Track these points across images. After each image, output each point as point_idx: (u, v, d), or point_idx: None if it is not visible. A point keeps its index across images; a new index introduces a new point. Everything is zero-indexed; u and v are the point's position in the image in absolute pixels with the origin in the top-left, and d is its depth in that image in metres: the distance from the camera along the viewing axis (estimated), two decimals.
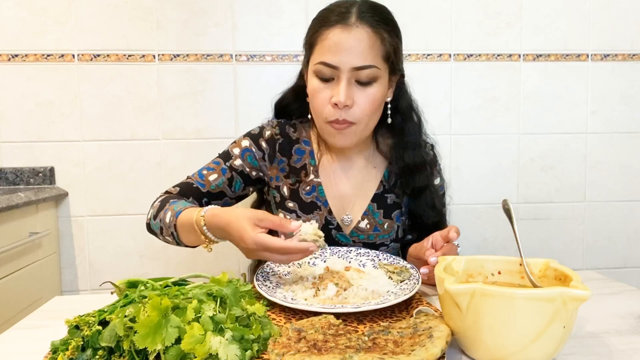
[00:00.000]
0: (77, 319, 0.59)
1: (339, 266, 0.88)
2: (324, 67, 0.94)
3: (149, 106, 1.59)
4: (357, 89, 0.95)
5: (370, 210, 1.06)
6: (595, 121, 1.73)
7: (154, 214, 0.97)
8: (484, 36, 1.67)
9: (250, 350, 0.56)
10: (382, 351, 0.55)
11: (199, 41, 1.59)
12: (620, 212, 1.77)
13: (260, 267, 0.89)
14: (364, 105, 0.95)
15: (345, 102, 0.93)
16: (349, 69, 0.92)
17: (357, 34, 0.92)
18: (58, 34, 1.54)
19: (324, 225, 1.04)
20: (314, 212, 1.04)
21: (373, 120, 1.00)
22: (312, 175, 1.06)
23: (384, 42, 0.95)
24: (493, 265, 0.71)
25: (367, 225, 1.05)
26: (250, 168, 1.06)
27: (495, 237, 1.74)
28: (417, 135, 1.08)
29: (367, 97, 0.95)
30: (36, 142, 1.56)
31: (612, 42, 1.71)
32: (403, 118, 1.07)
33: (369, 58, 0.93)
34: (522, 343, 0.54)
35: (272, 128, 1.08)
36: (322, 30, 0.95)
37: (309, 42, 0.99)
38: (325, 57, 0.93)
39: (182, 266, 1.63)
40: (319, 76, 0.96)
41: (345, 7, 0.95)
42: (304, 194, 1.05)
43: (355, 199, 1.07)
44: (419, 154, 1.06)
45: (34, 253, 1.42)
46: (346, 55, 0.92)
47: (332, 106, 0.95)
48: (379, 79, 0.96)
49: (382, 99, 0.99)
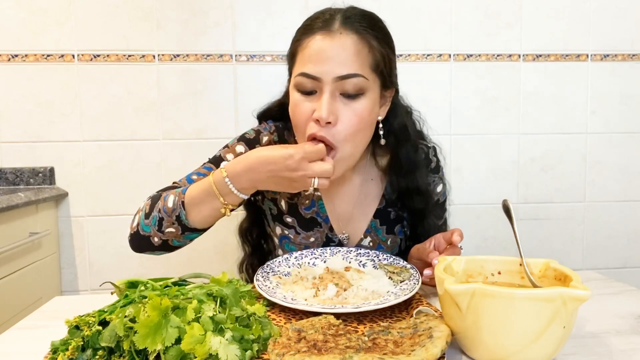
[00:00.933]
0: (77, 319, 0.59)
1: (339, 266, 0.88)
2: (305, 79, 0.83)
3: (149, 106, 1.59)
4: (342, 103, 0.83)
5: (372, 227, 1.00)
6: (595, 121, 1.73)
7: (146, 213, 0.87)
8: (484, 36, 1.67)
9: (250, 351, 0.56)
10: (382, 351, 0.55)
11: (199, 41, 1.59)
12: (620, 212, 1.77)
13: (260, 267, 0.89)
14: (348, 123, 0.83)
15: (327, 118, 0.80)
16: (331, 80, 0.81)
17: (340, 40, 0.82)
18: (58, 34, 1.54)
19: (325, 242, 0.98)
20: (314, 229, 0.98)
21: (360, 142, 0.88)
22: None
23: (372, 49, 0.85)
24: (493, 265, 0.71)
25: (370, 243, 1.00)
26: None
27: (495, 237, 1.74)
28: (412, 153, 0.98)
29: (353, 112, 0.83)
30: (36, 142, 1.56)
31: (612, 42, 1.71)
32: (397, 140, 0.96)
33: (354, 66, 0.82)
34: (522, 343, 0.54)
35: (270, 134, 1.00)
36: (303, 39, 0.86)
37: (291, 53, 0.90)
38: (306, 67, 0.83)
39: (182, 266, 1.63)
40: (299, 89, 0.85)
41: (329, 14, 0.86)
42: (303, 209, 0.98)
43: (357, 217, 1.00)
44: (415, 178, 0.97)
45: (34, 253, 1.42)
46: (328, 64, 0.81)
47: (314, 122, 0.83)
48: (367, 92, 0.84)
49: (371, 116, 0.87)
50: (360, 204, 1.00)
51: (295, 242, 0.99)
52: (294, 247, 1.00)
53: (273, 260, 0.92)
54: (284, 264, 0.91)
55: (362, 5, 0.92)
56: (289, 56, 0.91)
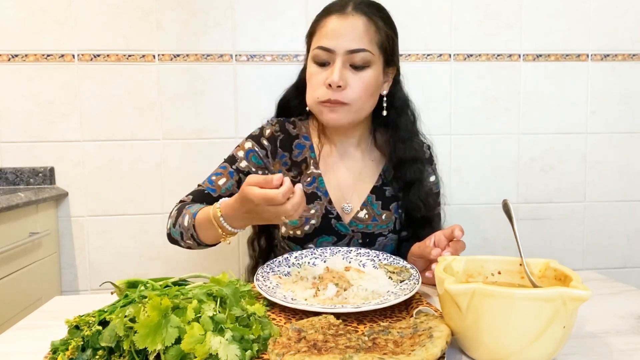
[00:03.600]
0: (77, 319, 0.59)
1: (339, 266, 0.88)
2: (321, 51, 1.00)
3: (149, 106, 1.59)
4: (351, 72, 1.00)
5: (369, 201, 1.10)
6: (595, 121, 1.73)
7: (173, 223, 1.02)
8: (484, 36, 1.67)
9: (250, 350, 0.56)
10: (382, 351, 0.55)
11: (199, 41, 1.59)
12: (620, 212, 1.77)
13: (260, 267, 0.89)
14: (357, 88, 1.00)
15: (338, 82, 0.97)
16: (343, 52, 0.98)
17: (352, 20, 0.99)
18: (58, 34, 1.54)
19: (324, 214, 1.07)
20: (314, 202, 1.08)
21: (367, 105, 1.04)
22: (313, 167, 1.11)
23: (379, 30, 1.01)
24: (493, 265, 0.71)
25: (366, 215, 1.08)
26: (256, 168, 1.12)
27: (495, 237, 1.74)
28: (411, 130, 1.12)
29: (361, 80, 1.00)
30: (36, 142, 1.56)
31: (612, 42, 1.71)
32: (398, 113, 1.11)
33: (363, 42, 0.99)
34: (522, 343, 0.54)
35: (272, 126, 1.14)
36: (321, 20, 1.03)
37: (310, 32, 1.07)
38: (322, 42, 1.00)
39: (182, 266, 1.63)
40: (316, 61, 1.02)
41: (344, 2, 1.03)
42: (305, 185, 1.09)
43: (355, 189, 1.11)
44: (411, 148, 1.10)
45: (34, 253, 1.42)
46: (341, 39, 0.98)
47: (326, 87, 0.99)
48: (373, 65, 1.01)
49: (376, 85, 1.03)
50: (360, 179, 1.12)
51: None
52: (295, 220, 1.06)
53: (273, 260, 0.92)
54: (284, 263, 0.91)
55: None
56: (308, 35, 1.08)
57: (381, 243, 1.10)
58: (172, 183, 1.61)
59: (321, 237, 1.07)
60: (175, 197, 1.63)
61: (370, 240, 1.08)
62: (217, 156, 1.61)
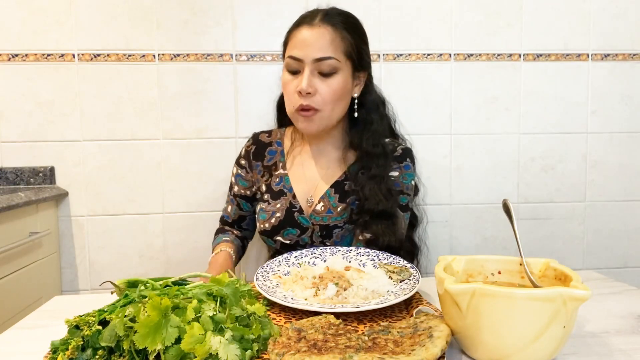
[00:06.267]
0: (77, 318, 0.59)
1: (339, 266, 0.88)
2: (292, 61, 1.08)
3: (149, 106, 1.59)
4: (319, 79, 1.07)
5: (327, 194, 1.16)
6: (595, 121, 1.73)
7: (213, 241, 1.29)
8: (484, 36, 1.67)
9: (250, 350, 0.56)
10: (382, 351, 0.55)
11: (199, 41, 1.59)
12: (620, 212, 1.77)
13: (260, 267, 0.89)
14: (325, 94, 1.07)
15: (307, 89, 1.05)
16: (311, 61, 1.06)
17: (319, 31, 1.06)
18: (58, 34, 1.54)
19: (288, 208, 1.15)
20: (280, 198, 1.17)
21: (337, 108, 1.11)
22: (281, 169, 1.21)
23: (344, 39, 1.08)
24: (493, 265, 0.71)
25: (322, 207, 1.15)
26: (245, 189, 1.26)
27: (495, 237, 1.74)
28: (381, 127, 1.17)
29: (329, 86, 1.07)
30: (36, 142, 1.56)
31: (612, 42, 1.71)
32: (367, 111, 1.17)
33: (329, 51, 1.06)
34: (522, 343, 0.54)
35: (246, 145, 1.28)
36: (293, 30, 1.11)
37: (284, 42, 1.14)
38: (292, 51, 1.08)
39: (182, 266, 1.63)
40: (288, 70, 1.10)
41: (313, 13, 1.11)
42: (274, 184, 1.20)
43: (318, 184, 1.18)
44: (378, 144, 1.14)
45: (34, 253, 1.42)
46: (309, 49, 1.06)
47: (297, 95, 1.07)
48: (340, 71, 1.08)
49: (345, 90, 1.10)
50: (325, 175, 1.19)
51: (265, 210, 1.18)
52: (264, 215, 1.17)
53: (273, 259, 0.92)
54: (284, 263, 0.91)
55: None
56: (283, 44, 1.15)
57: (338, 235, 1.13)
58: (172, 183, 1.61)
59: (286, 229, 1.14)
60: (175, 197, 1.64)
61: (327, 232, 1.13)
62: (217, 156, 1.62)
